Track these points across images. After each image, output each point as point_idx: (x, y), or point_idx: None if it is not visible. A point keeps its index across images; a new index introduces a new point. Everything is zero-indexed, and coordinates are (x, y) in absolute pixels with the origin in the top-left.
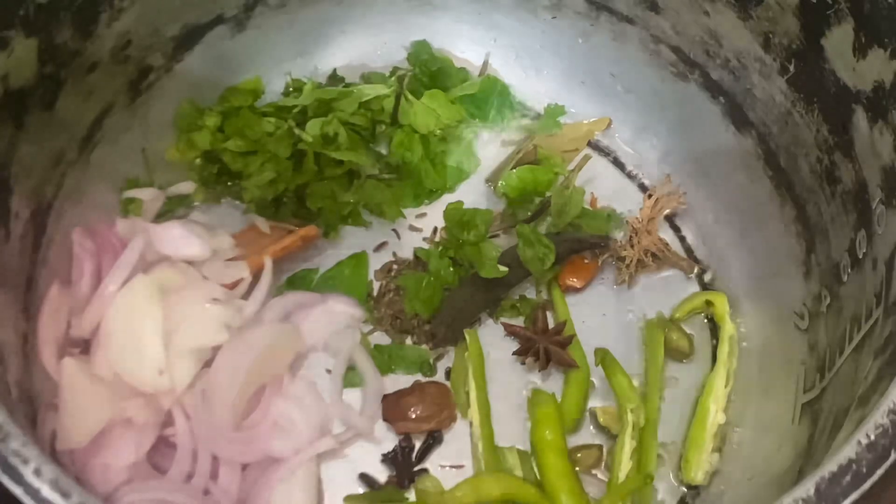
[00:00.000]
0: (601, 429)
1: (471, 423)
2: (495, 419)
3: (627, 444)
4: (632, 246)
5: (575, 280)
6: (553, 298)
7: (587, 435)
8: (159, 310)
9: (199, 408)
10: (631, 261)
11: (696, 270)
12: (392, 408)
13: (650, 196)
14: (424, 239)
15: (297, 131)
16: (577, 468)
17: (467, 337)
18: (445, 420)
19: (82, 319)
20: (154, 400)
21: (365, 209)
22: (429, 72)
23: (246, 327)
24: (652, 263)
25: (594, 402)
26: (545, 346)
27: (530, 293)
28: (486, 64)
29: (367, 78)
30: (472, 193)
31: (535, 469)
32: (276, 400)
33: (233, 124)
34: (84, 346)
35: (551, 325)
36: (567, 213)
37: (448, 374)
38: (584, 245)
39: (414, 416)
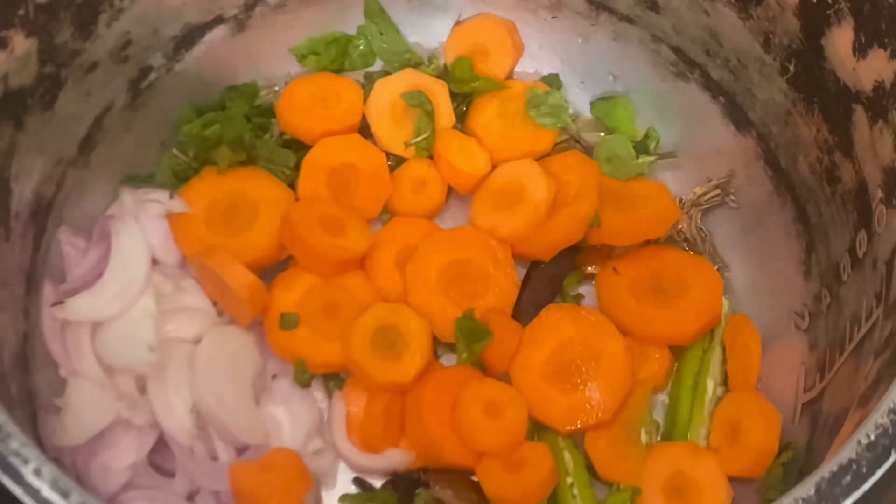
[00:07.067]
0: None
1: None
2: None
3: None
4: None
5: (593, 266)
6: None
7: None
8: (153, 304)
9: (200, 448)
10: (661, 238)
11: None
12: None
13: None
14: None
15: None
16: None
17: None
18: None
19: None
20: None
21: None
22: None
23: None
24: (683, 245)
25: None
26: None
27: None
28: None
29: (369, 77)
30: None
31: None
32: (265, 404)
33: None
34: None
35: None
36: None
37: None
38: None
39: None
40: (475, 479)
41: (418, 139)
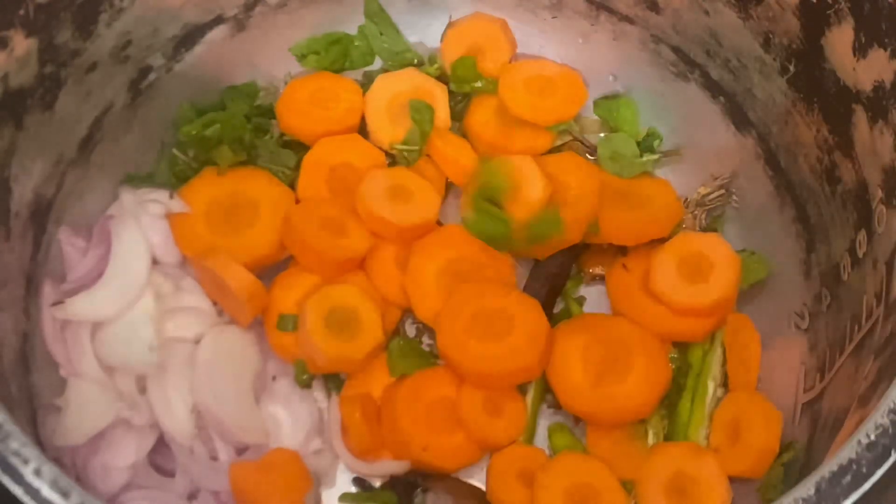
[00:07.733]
0: None
1: None
2: None
3: None
4: None
5: (599, 267)
6: None
7: None
8: (153, 305)
9: (200, 448)
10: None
11: None
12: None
13: (708, 182)
14: None
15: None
16: None
17: None
18: None
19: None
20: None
21: None
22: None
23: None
24: None
25: None
26: None
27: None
28: None
29: (369, 76)
30: None
31: None
32: (265, 404)
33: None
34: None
35: None
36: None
37: None
38: None
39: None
40: (474, 483)
41: (405, 147)
